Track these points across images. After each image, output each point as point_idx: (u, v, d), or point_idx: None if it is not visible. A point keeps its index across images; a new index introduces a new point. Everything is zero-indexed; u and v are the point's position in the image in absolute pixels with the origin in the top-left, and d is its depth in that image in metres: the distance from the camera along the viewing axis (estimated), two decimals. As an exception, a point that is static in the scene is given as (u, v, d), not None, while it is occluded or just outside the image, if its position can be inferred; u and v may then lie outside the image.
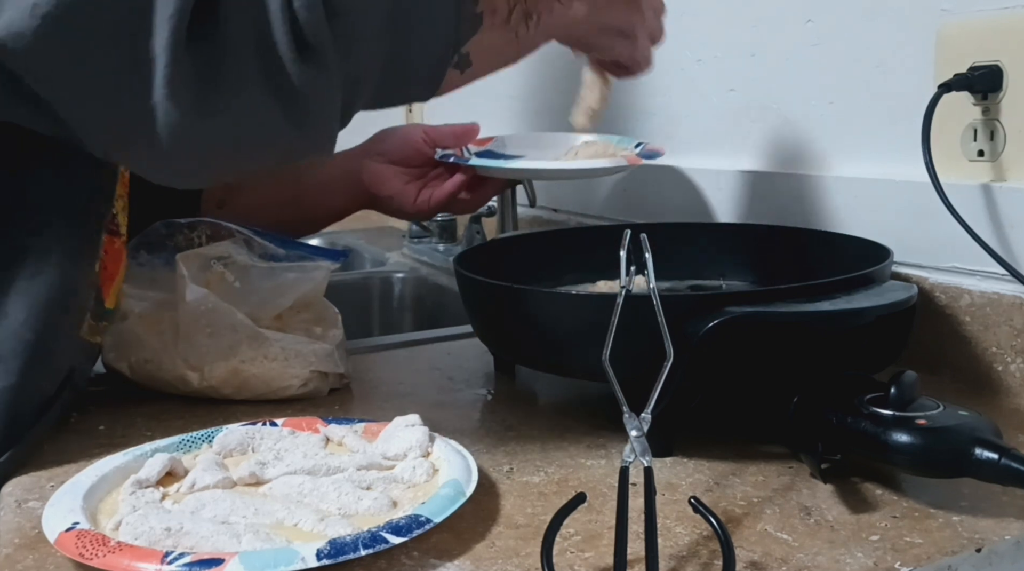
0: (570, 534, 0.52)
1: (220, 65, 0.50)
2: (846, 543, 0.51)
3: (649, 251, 0.52)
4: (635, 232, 0.53)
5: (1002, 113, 0.73)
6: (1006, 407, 0.72)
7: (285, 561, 0.46)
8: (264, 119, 0.52)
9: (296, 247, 0.87)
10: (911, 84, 0.80)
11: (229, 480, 0.57)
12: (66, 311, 0.66)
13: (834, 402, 0.58)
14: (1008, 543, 0.51)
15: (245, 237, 0.85)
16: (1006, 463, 0.51)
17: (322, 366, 0.78)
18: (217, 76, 0.50)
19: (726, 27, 1.02)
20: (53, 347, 0.65)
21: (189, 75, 0.49)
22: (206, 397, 0.77)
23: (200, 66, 0.49)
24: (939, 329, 0.78)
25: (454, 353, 0.92)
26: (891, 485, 0.58)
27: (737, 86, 1.00)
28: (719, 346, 0.59)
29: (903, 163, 0.81)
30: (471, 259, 0.83)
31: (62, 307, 0.65)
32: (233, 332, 0.76)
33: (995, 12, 0.74)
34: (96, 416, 0.73)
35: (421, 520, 0.50)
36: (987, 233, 0.73)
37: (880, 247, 0.75)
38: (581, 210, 1.30)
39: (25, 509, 0.58)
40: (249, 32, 0.50)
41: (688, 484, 0.59)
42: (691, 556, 0.50)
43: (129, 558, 0.46)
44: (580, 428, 0.69)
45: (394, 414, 0.65)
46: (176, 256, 0.78)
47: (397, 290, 1.44)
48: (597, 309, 0.62)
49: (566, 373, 0.72)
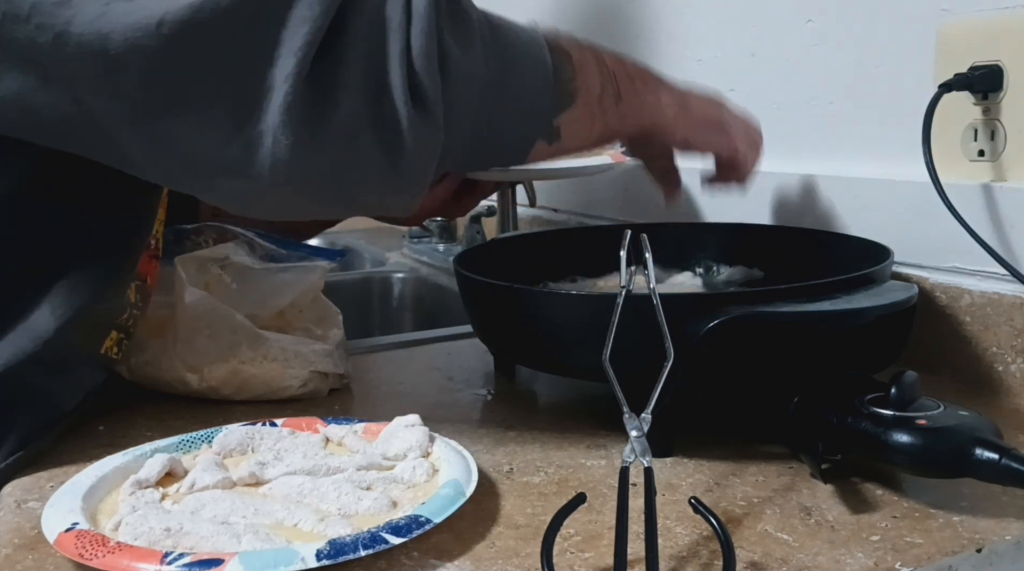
0: (570, 534, 0.52)
1: (335, 102, 0.50)
2: (846, 543, 0.51)
3: (649, 251, 0.52)
4: (635, 232, 0.53)
5: (1002, 113, 0.73)
6: (1006, 407, 0.72)
7: (285, 561, 0.46)
8: (366, 160, 0.53)
9: (297, 248, 0.88)
10: (911, 84, 0.80)
11: (229, 480, 0.57)
12: (96, 329, 0.66)
13: (834, 402, 0.58)
14: (1008, 543, 0.51)
15: (248, 239, 0.85)
16: (1006, 463, 0.51)
17: (322, 366, 0.78)
18: (330, 112, 0.51)
19: (726, 27, 1.02)
20: (78, 365, 0.65)
21: (306, 106, 0.50)
22: (206, 398, 0.77)
23: (317, 100, 0.50)
24: (939, 329, 0.78)
25: (454, 353, 0.92)
26: (891, 485, 0.58)
27: (737, 86, 1.00)
28: (719, 346, 0.59)
29: (903, 163, 0.81)
30: (471, 259, 0.83)
31: (92, 326, 0.65)
32: (232, 333, 0.76)
33: (995, 12, 0.74)
34: (96, 416, 0.73)
35: (421, 520, 0.50)
36: (987, 233, 0.73)
37: (880, 247, 0.75)
38: (581, 210, 1.30)
39: (25, 509, 0.58)
40: (367, 74, 0.51)
41: (688, 484, 0.59)
42: (691, 556, 0.50)
43: (129, 558, 0.46)
44: (580, 428, 0.69)
45: (394, 414, 0.64)
46: (175, 259, 0.78)
47: (397, 290, 1.44)
48: (597, 309, 0.62)
49: (566, 373, 0.72)
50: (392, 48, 0.51)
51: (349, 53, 0.51)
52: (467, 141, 0.57)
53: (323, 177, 0.53)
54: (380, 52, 0.51)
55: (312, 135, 0.51)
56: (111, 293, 0.66)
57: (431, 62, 0.52)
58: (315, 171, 0.52)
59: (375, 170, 0.53)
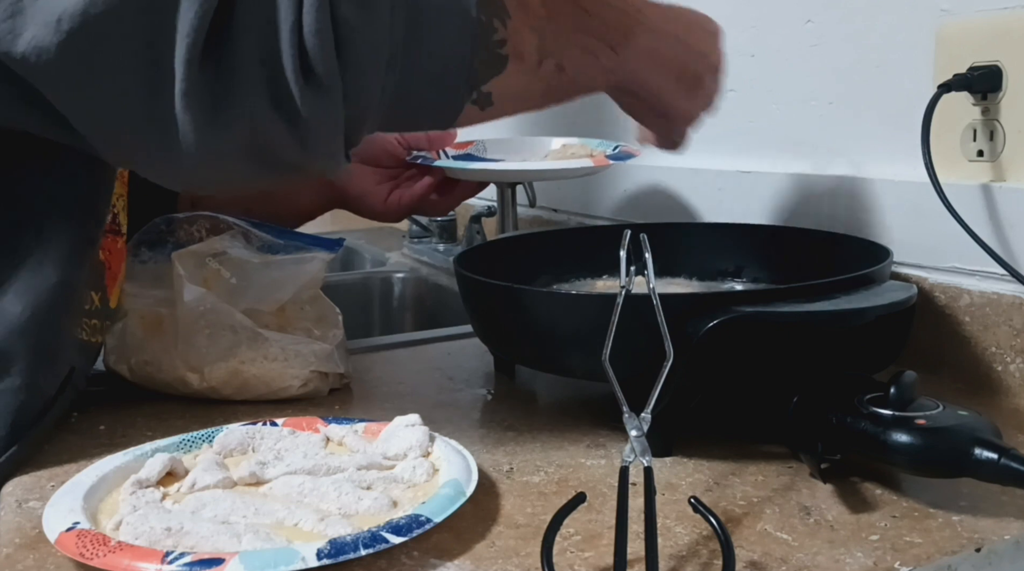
0: (570, 534, 0.52)
1: (228, 83, 0.51)
2: (846, 543, 0.51)
3: (649, 251, 0.52)
4: (635, 232, 0.53)
5: (1002, 113, 0.73)
6: (1006, 407, 0.72)
7: (285, 561, 0.46)
8: (271, 137, 0.53)
9: (293, 237, 0.87)
10: (911, 84, 0.80)
11: (229, 480, 0.57)
12: (67, 311, 0.66)
13: (834, 402, 0.58)
14: (1008, 543, 0.51)
15: (243, 230, 0.84)
16: (1006, 463, 0.51)
17: (322, 366, 0.78)
18: (225, 92, 0.51)
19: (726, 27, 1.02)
20: (54, 347, 0.65)
21: (201, 89, 0.50)
22: (206, 398, 0.77)
23: (210, 81, 0.50)
24: (939, 329, 0.78)
25: (454, 353, 0.92)
26: (891, 485, 0.58)
27: (737, 86, 1.00)
28: (719, 346, 0.59)
29: (903, 163, 0.81)
30: (471, 259, 0.83)
31: (62, 307, 0.65)
32: (232, 333, 0.76)
33: (995, 12, 0.74)
34: (96, 416, 0.73)
35: (421, 520, 0.50)
36: (987, 233, 0.73)
37: (880, 247, 0.75)
38: (581, 210, 1.30)
39: (25, 509, 0.58)
40: (259, 52, 0.51)
41: (688, 484, 0.59)
42: (691, 556, 0.50)
43: (129, 558, 0.46)
44: (580, 428, 0.69)
45: (394, 414, 0.65)
46: (172, 254, 0.78)
47: (397, 290, 1.44)
48: (597, 309, 0.62)
49: (566, 373, 0.72)
50: (283, 24, 0.51)
51: (240, 33, 0.51)
52: (379, 107, 0.56)
53: (236, 155, 0.54)
54: (270, 28, 0.51)
55: (213, 116, 0.51)
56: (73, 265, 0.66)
57: (322, 36, 0.51)
58: (226, 150, 0.53)
59: (283, 143, 0.54)
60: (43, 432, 0.66)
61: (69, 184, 0.65)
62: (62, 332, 0.66)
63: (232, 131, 0.52)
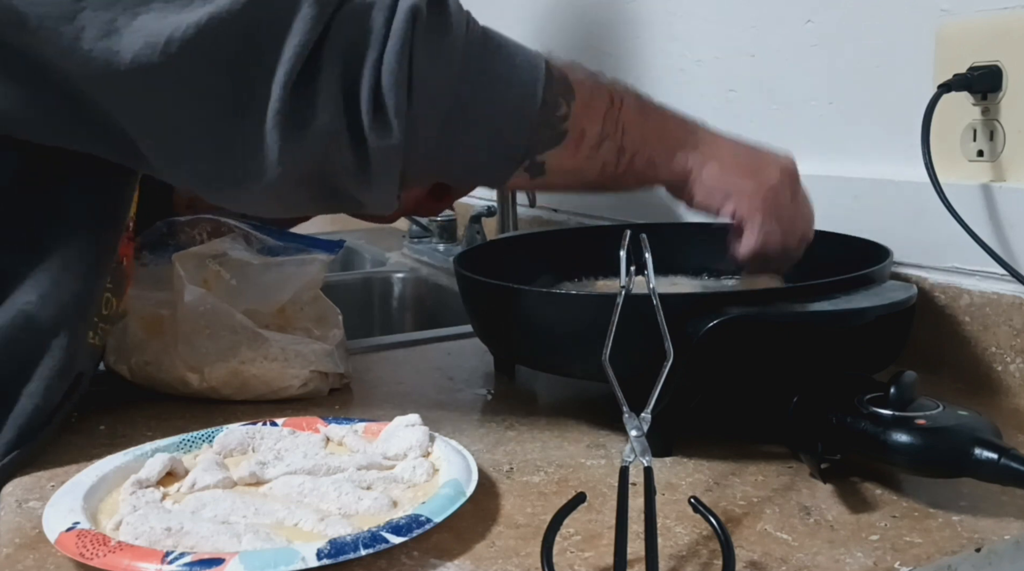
0: (570, 534, 0.52)
1: (314, 107, 0.55)
2: (846, 543, 0.51)
3: (649, 251, 0.52)
4: (635, 232, 0.53)
5: (1001, 113, 0.73)
6: (1006, 407, 0.72)
7: (285, 561, 0.46)
8: (342, 162, 0.57)
9: (293, 239, 0.87)
10: (911, 84, 0.80)
11: (229, 480, 0.57)
12: (83, 318, 0.66)
13: (834, 402, 0.58)
14: (1008, 543, 0.51)
15: (243, 232, 0.85)
16: (1006, 463, 0.51)
17: (322, 366, 0.78)
18: (310, 117, 0.55)
19: (726, 27, 1.02)
20: (71, 353, 0.65)
21: (291, 111, 0.54)
22: (206, 398, 0.77)
23: (300, 105, 0.54)
24: (939, 329, 0.78)
25: (454, 353, 0.92)
26: (891, 485, 0.58)
27: (737, 86, 1.00)
28: (719, 346, 0.59)
29: (903, 163, 0.81)
30: (471, 259, 0.83)
31: (82, 314, 0.66)
32: (232, 333, 0.76)
33: (995, 12, 0.74)
34: (96, 416, 0.73)
35: (421, 520, 0.50)
36: (986, 233, 0.73)
37: (880, 247, 0.75)
38: (581, 210, 1.30)
39: (25, 509, 0.58)
40: (341, 82, 0.55)
41: (688, 484, 0.59)
42: (691, 556, 0.50)
43: (129, 558, 0.46)
44: (580, 428, 0.69)
45: (394, 414, 0.65)
46: (172, 256, 0.78)
47: (397, 290, 1.44)
48: (597, 309, 0.62)
49: (566, 373, 0.72)
50: (368, 59, 0.55)
51: (329, 61, 0.55)
52: (430, 156, 0.59)
53: (305, 175, 0.57)
54: (357, 62, 0.55)
55: (298, 134, 0.55)
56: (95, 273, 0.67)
57: (396, 76, 0.55)
58: (300, 170, 0.56)
59: (350, 171, 0.57)
60: (48, 435, 0.66)
61: (103, 195, 0.66)
62: (79, 338, 0.66)
63: (311, 150, 0.55)
